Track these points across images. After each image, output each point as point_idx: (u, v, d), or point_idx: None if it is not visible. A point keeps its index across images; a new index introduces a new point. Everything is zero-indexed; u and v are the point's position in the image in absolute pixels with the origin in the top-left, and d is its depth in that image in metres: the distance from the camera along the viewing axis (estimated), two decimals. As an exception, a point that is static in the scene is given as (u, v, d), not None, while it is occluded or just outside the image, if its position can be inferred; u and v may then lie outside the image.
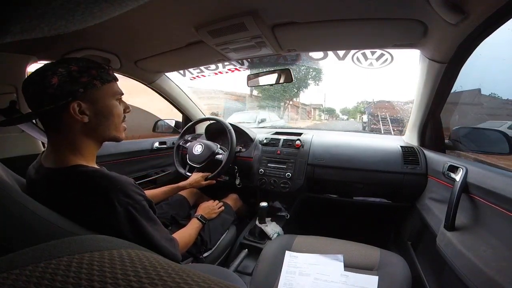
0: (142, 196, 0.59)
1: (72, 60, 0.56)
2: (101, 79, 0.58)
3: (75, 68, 0.54)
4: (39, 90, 0.52)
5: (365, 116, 11.02)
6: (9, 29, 0.18)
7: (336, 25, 0.80)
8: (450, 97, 0.95)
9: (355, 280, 0.78)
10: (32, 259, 0.19)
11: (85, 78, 0.55)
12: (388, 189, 1.20)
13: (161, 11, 0.74)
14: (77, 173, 0.54)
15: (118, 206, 0.52)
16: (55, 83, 0.52)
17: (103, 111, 0.59)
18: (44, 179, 0.55)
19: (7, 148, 0.92)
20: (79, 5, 0.18)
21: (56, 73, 0.52)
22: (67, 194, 0.52)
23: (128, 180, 0.57)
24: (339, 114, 13.26)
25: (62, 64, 0.54)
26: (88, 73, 0.56)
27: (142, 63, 1.19)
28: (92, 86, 0.56)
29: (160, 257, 0.23)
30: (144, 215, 0.58)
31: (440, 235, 0.75)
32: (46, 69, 0.53)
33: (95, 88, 0.57)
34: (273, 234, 1.19)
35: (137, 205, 0.56)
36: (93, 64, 0.58)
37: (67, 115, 0.54)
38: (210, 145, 1.33)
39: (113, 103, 0.61)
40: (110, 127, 0.61)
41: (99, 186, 0.53)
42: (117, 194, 0.53)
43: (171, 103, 1.68)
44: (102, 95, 0.59)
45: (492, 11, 0.58)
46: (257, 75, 1.35)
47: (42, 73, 0.52)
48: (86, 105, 0.56)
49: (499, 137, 0.93)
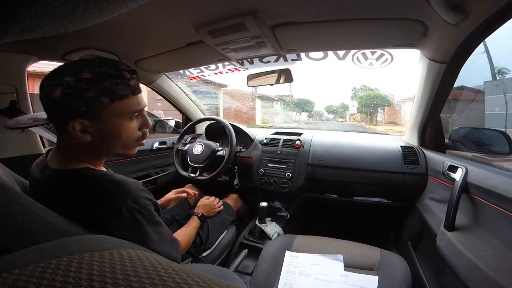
0: (149, 200, 0.57)
1: (90, 63, 0.49)
2: (111, 95, 0.49)
3: (88, 76, 0.47)
4: (43, 98, 0.49)
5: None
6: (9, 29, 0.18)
7: (336, 25, 0.80)
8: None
9: (355, 280, 0.78)
10: (32, 259, 0.19)
11: (92, 92, 0.47)
12: (388, 189, 1.20)
13: (161, 11, 0.73)
14: (85, 177, 0.52)
15: (124, 212, 0.51)
16: (56, 96, 0.46)
17: (109, 132, 0.52)
18: (50, 180, 0.53)
19: (7, 148, 0.92)
20: (79, 5, 0.18)
21: (61, 84, 0.46)
22: (73, 196, 0.51)
23: (136, 185, 0.55)
24: (321, 111, 8.91)
25: (77, 69, 0.47)
26: (98, 86, 0.48)
27: (142, 63, 1.19)
28: (98, 104, 0.48)
29: (160, 257, 0.23)
30: (150, 219, 0.56)
31: (440, 235, 0.75)
32: (56, 74, 0.48)
33: (102, 106, 0.49)
34: (273, 234, 1.19)
35: (144, 210, 0.55)
36: (112, 71, 0.50)
37: (70, 129, 0.49)
38: (210, 144, 1.33)
39: (122, 123, 0.53)
40: (117, 147, 0.55)
41: (107, 191, 0.51)
42: (125, 200, 0.52)
43: (171, 103, 1.68)
44: (109, 114, 0.51)
45: (492, 11, 0.58)
46: (257, 75, 1.35)
47: (49, 79, 0.48)
48: (89, 123, 0.50)
49: (499, 137, 0.93)
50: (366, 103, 7.10)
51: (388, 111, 6.42)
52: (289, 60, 1.19)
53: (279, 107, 7.03)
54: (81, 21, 0.20)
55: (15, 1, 0.15)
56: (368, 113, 7.18)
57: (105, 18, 0.21)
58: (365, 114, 7.38)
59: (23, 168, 0.63)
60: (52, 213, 0.47)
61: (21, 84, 0.94)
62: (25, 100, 0.96)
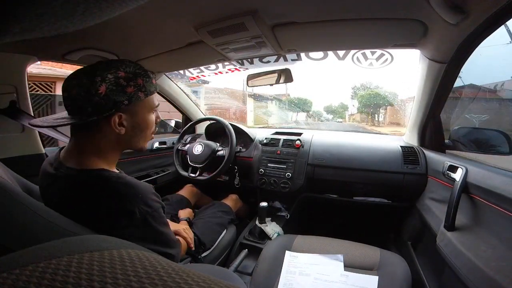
0: (159, 203, 0.60)
1: (121, 63, 0.54)
2: (145, 90, 0.57)
3: (122, 74, 0.53)
4: (84, 95, 0.50)
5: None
6: (9, 29, 0.18)
7: (336, 25, 0.80)
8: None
9: (355, 280, 0.78)
10: (32, 259, 0.19)
11: (131, 88, 0.54)
12: (388, 189, 1.20)
13: (161, 11, 0.73)
14: (102, 178, 0.54)
15: (137, 214, 0.53)
16: (102, 92, 0.50)
17: (140, 124, 0.59)
18: (64, 177, 0.54)
19: (7, 148, 0.92)
20: (79, 5, 0.18)
21: (105, 80, 0.51)
22: (87, 195, 0.52)
23: (148, 188, 0.58)
24: (320, 111, 8.22)
25: (112, 69, 0.52)
26: (135, 83, 0.54)
27: (142, 63, 1.19)
28: (137, 98, 0.55)
29: (160, 257, 0.23)
30: (159, 221, 0.58)
31: (440, 235, 0.75)
32: (96, 73, 0.51)
33: (138, 101, 0.56)
34: (273, 234, 1.19)
35: (155, 213, 0.57)
36: (140, 71, 0.56)
37: (105, 124, 0.54)
38: (210, 144, 1.33)
39: (149, 117, 0.61)
40: (142, 139, 0.63)
41: (122, 193, 0.53)
42: (139, 202, 0.54)
43: (171, 103, 1.68)
44: (143, 108, 0.59)
45: (492, 11, 0.58)
46: (257, 75, 1.35)
47: (92, 77, 0.50)
48: (126, 117, 0.56)
49: (499, 137, 0.93)
50: (366, 103, 6.79)
51: (390, 111, 6.16)
52: (289, 60, 1.19)
53: (274, 107, 6.59)
54: (81, 21, 0.20)
55: (15, 1, 0.15)
56: (369, 113, 6.81)
57: (105, 18, 0.21)
58: (365, 114, 6.98)
59: (23, 168, 0.63)
60: (54, 213, 0.47)
61: (21, 84, 0.94)
62: (25, 100, 0.96)
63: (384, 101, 5.82)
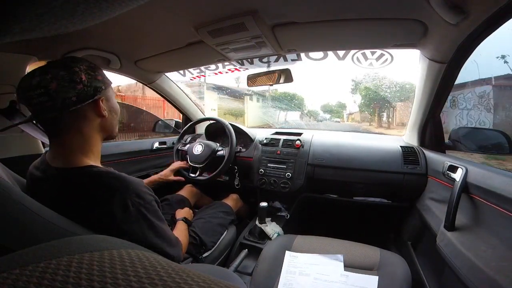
0: (152, 196, 0.61)
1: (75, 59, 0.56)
2: (107, 79, 0.61)
3: (87, 65, 0.56)
4: (68, 85, 0.51)
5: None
6: (9, 29, 0.18)
7: (336, 25, 0.80)
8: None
9: (355, 280, 0.78)
10: (32, 259, 0.19)
11: (100, 76, 0.58)
12: (388, 189, 1.20)
13: (161, 11, 0.74)
14: (91, 174, 0.54)
15: (130, 206, 0.53)
16: (84, 79, 0.54)
17: (114, 108, 0.65)
18: (53, 179, 0.55)
19: (7, 148, 0.92)
20: (79, 5, 0.18)
21: (82, 69, 0.54)
22: (80, 193, 0.53)
23: (139, 181, 0.59)
24: (316, 110, 6.85)
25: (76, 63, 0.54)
26: (99, 72, 0.58)
27: (142, 63, 1.19)
28: (108, 84, 0.60)
29: (160, 257, 0.23)
30: (155, 215, 0.59)
31: (440, 235, 0.75)
32: (71, 64, 0.53)
33: (109, 86, 0.61)
34: (273, 234, 1.19)
35: (149, 206, 0.58)
36: (94, 64, 0.59)
37: (90, 110, 0.57)
38: (210, 144, 1.33)
39: (116, 101, 0.67)
40: (116, 124, 0.67)
41: (114, 187, 0.54)
42: (131, 194, 0.54)
43: (171, 103, 1.68)
44: (112, 93, 0.65)
45: (492, 11, 0.58)
46: (257, 75, 1.35)
47: (69, 68, 0.52)
48: (105, 101, 0.61)
49: (499, 137, 0.93)
50: (372, 97, 5.27)
51: (400, 109, 4.48)
52: (289, 60, 1.19)
53: (254, 104, 4.55)
54: (81, 21, 0.20)
55: (15, 1, 0.15)
56: (375, 111, 5.47)
57: (105, 18, 0.21)
58: (369, 113, 5.71)
59: (23, 168, 0.63)
60: (53, 213, 0.47)
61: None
62: None
63: (400, 94, 4.50)
